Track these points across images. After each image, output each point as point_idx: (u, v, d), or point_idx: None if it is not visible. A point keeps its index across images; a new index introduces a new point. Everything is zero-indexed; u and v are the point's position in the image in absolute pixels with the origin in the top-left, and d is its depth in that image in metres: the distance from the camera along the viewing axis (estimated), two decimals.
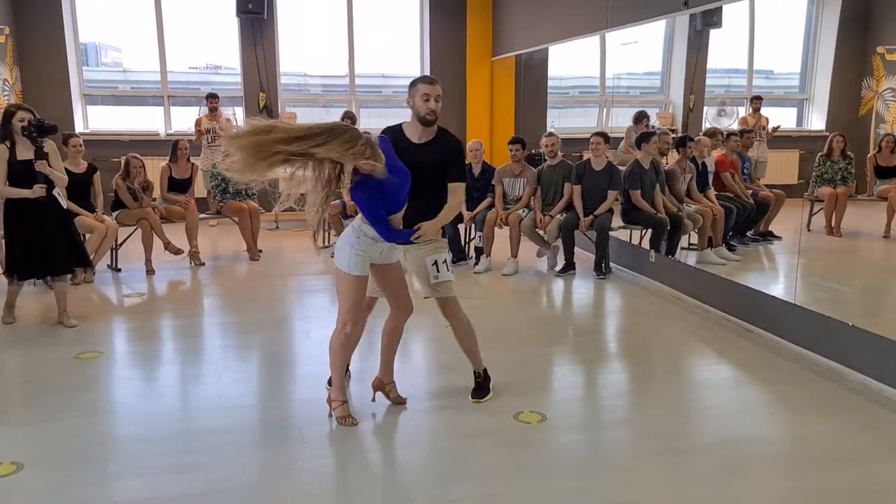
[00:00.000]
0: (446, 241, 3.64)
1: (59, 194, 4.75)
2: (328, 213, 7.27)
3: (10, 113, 4.64)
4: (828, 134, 6.25)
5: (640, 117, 7.65)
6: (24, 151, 4.61)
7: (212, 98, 8.56)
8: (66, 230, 4.84)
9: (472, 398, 3.65)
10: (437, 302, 3.54)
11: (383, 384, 3.62)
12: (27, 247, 4.65)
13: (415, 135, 3.47)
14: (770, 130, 6.89)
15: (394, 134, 3.47)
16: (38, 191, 4.59)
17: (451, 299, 3.53)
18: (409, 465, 3.17)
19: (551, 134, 6.76)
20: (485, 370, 3.72)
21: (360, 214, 3.23)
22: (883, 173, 5.81)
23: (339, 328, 3.33)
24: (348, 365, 3.62)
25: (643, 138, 6.40)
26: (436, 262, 3.45)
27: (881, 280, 5.72)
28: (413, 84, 3.43)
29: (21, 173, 4.59)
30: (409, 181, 3.20)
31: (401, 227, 3.28)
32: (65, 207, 4.83)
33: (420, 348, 3.97)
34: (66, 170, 6.19)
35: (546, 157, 6.70)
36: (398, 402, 3.63)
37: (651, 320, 5.25)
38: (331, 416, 3.43)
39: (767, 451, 3.21)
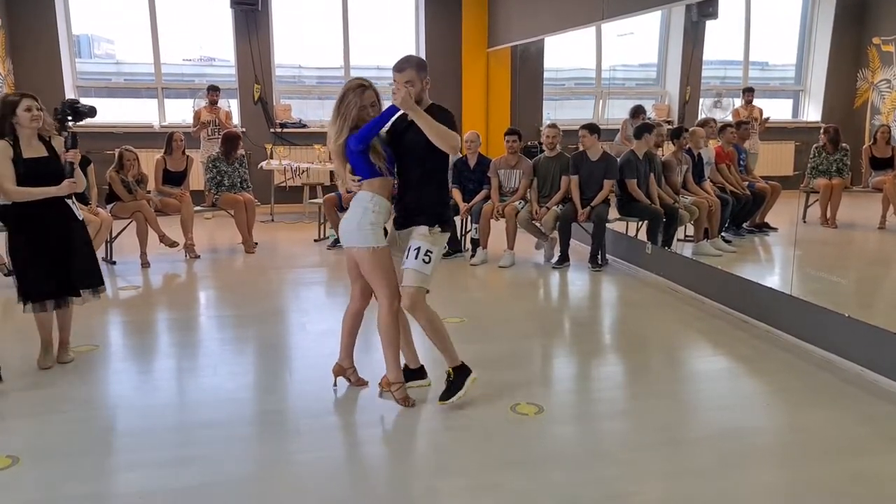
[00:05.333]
0: (444, 237, 3.45)
1: (74, 203, 3.95)
2: (324, 204, 7.30)
3: (11, 102, 3.75)
4: (822, 125, 6.26)
5: (638, 111, 7.64)
6: (31, 148, 3.78)
7: (213, 90, 8.52)
8: (85, 243, 4.01)
9: (440, 399, 3.47)
10: (401, 289, 3.35)
11: (344, 369, 3.69)
12: (41, 263, 3.81)
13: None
14: (762, 122, 6.90)
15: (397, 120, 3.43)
16: (69, 186, 3.79)
17: (414, 292, 3.31)
18: (406, 456, 3.17)
19: (553, 125, 6.73)
20: (458, 367, 3.49)
21: (364, 193, 3.30)
22: (878, 164, 5.83)
23: (385, 308, 3.36)
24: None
25: (645, 129, 6.37)
26: (410, 248, 3.31)
27: (876, 271, 5.74)
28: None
29: (29, 174, 3.73)
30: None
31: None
32: (80, 219, 3.99)
33: (416, 340, 3.96)
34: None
35: (545, 149, 6.69)
36: (360, 384, 3.70)
37: (647, 312, 5.25)
38: (381, 395, 3.48)
39: (764, 442, 3.22)
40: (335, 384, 3.70)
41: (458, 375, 3.50)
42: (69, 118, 3.90)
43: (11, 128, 3.74)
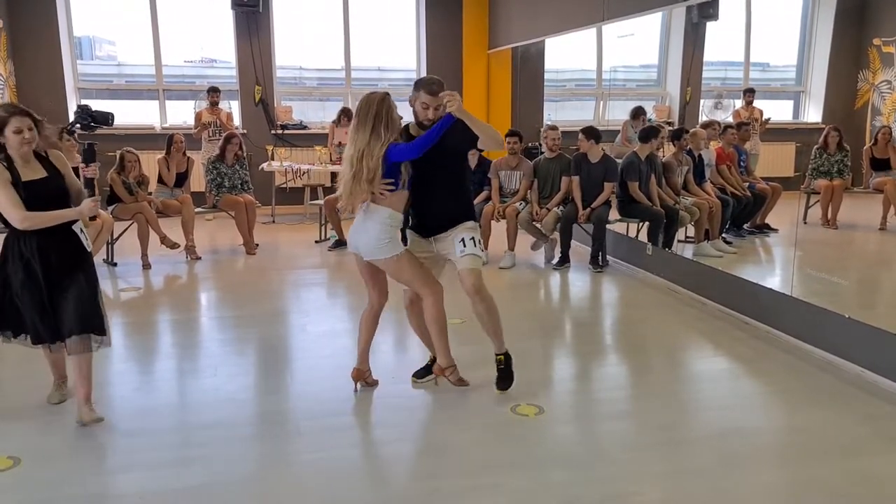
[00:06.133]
0: (477, 226, 3.65)
1: (83, 230, 3.34)
2: (325, 206, 7.31)
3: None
4: (824, 126, 6.26)
5: (638, 113, 7.64)
6: (28, 168, 3.18)
7: (213, 92, 8.53)
8: (90, 282, 3.32)
9: (498, 389, 3.61)
10: (460, 276, 3.49)
11: (363, 372, 3.70)
12: (37, 309, 3.23)
13: (416, 132, 3.49)
14: (762, 123, 6.91)
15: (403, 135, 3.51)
16: (92, 206, 3.24)
17: (477, 273, 3.48)
18: (406, 457, 3.17)
19: (555, 128, 6.74)
20: (506, 354, 3.65)
21: (382, 209, 3.33)
22: (879, 165, 5.84)
23: (431, 300, 3.46)
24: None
25: (652, 134, 6.34)
26: (463, 239, 3.47)
27: (877, 272, 5.74)
28: (416, 87, 3.43)
29: (30, 199, 3.13)
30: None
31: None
32: (89, 250, 3.37)
33: (417, 341, 3.98)
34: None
35: (546, 150, 6.69)
36: (373, 384, 3.73)
37: (648, 313, 5.25)
38: (437, 383, 3.65)
39: (764, 443, 3.22)
40: (356, 389, 3.68)
41: (508, 362, 3.66)
42: (85, 124, 3.56)
43: (2, 147, 3.14)
